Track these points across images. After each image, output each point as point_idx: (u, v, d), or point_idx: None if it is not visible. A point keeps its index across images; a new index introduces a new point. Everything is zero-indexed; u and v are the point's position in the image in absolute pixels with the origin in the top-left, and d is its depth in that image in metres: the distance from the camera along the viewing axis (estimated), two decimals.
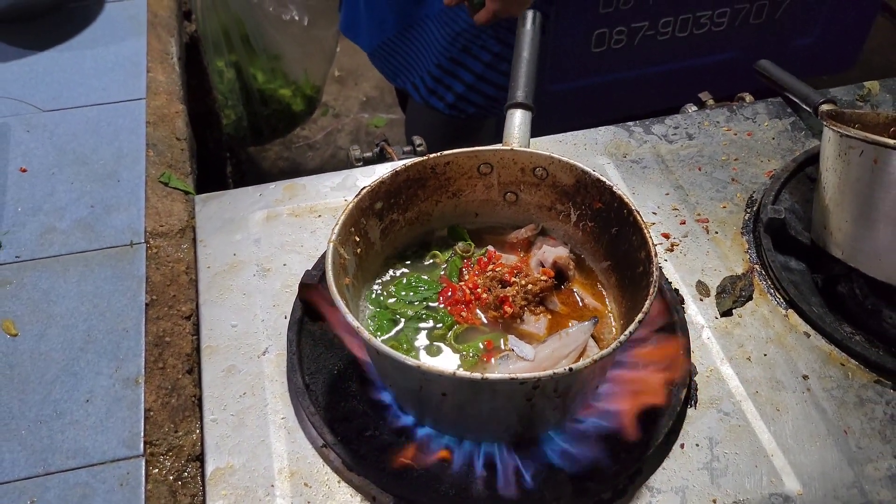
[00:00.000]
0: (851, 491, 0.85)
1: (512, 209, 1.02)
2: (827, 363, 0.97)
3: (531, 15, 1.10)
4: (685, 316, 1.00)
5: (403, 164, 0.94)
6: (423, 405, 0.85)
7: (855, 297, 1.02)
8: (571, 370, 0.72)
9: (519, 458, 0.84)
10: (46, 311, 0.99)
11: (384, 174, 0.93)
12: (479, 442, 0.85)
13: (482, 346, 0.89)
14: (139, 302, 1.00)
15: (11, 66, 1.37)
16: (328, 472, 0.86)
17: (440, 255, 1.00)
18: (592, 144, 1.27)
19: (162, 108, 1.31)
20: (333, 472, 0.85)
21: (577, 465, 0.83)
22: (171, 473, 0.86)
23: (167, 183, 1.18)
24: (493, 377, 0.70)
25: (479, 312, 0.93)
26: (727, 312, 1.02)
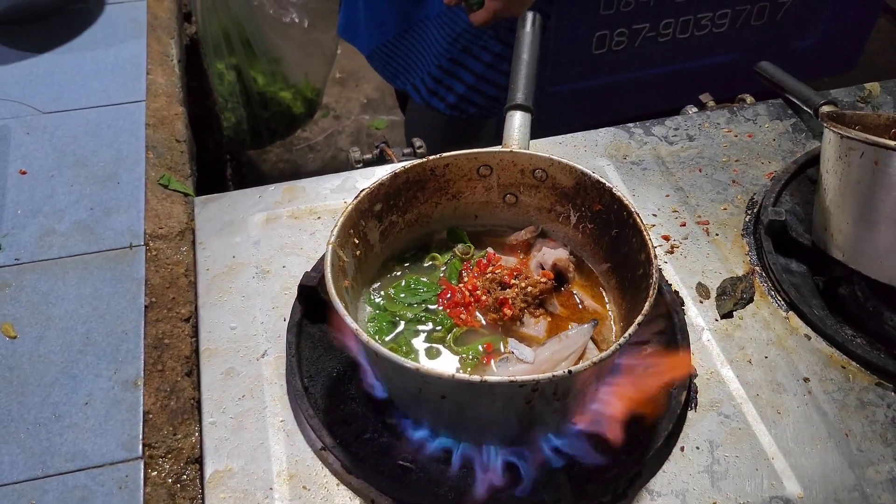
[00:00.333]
0: (853, 494, 0.85)
1: (511, 211, 1.02)
2: (828, 366, 0.97)
3: (531, 16, 1.10)
4: (685, 318, 1.00)
5: (403, 166, 0.94)
6: (422, 408, 0.84)
7: (856, 299, 1.01)
8: (571, 373, 0.71)
9: (518, 460, 0.84)
10: (46, 313, 0.99)
11: (383, 176, 0.93)
12: (478, 444, 0.85)
13: (481, 348, 0.89)
14: (138, 304, 1.00)
15: (11, 67, 1.37)
16: (327, 474, 0.85)
17: (439, 257, 1.00)
18: (592, 146, 1.27)
19: (162, 110, 1.31)
20: (332, 474, 0.85)
21: (576, 467, 0.83)
22: (169, 476, 0.86)
23: (167, 185, 1.18)
24: (492, 380, 0.70)
25: (478, 315, 0.93)
26: (727, 315, 1.02)
